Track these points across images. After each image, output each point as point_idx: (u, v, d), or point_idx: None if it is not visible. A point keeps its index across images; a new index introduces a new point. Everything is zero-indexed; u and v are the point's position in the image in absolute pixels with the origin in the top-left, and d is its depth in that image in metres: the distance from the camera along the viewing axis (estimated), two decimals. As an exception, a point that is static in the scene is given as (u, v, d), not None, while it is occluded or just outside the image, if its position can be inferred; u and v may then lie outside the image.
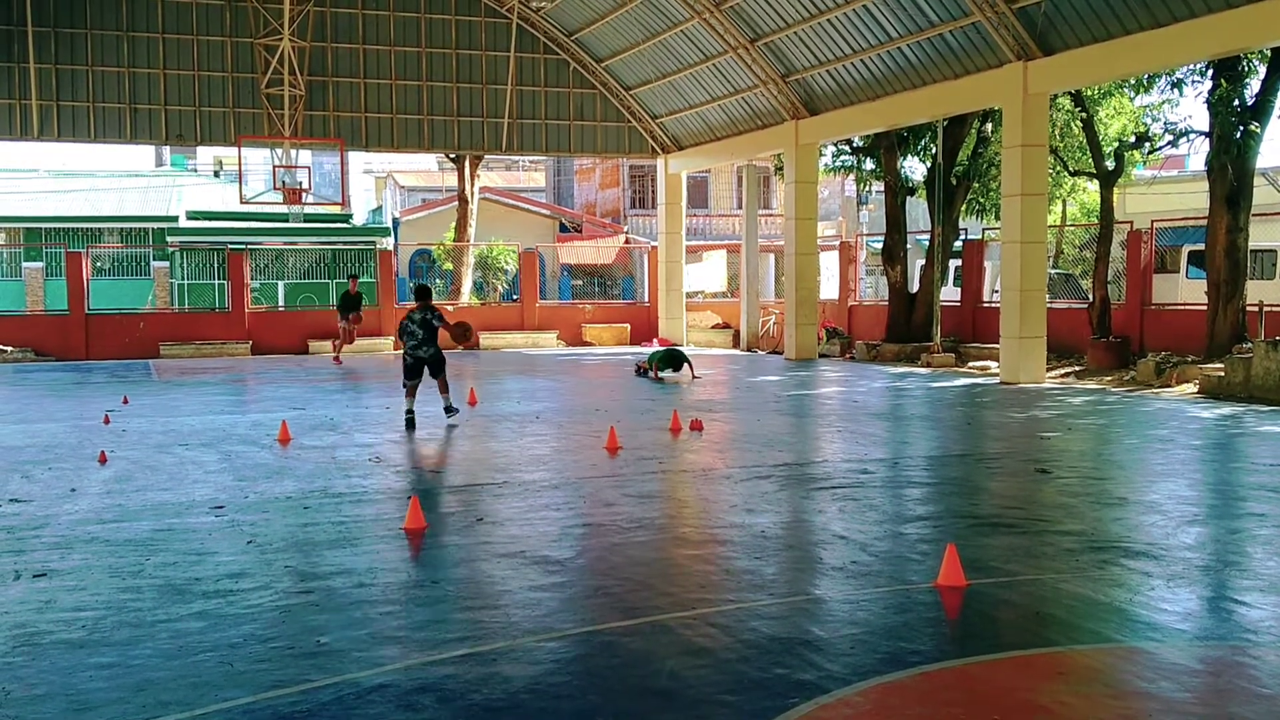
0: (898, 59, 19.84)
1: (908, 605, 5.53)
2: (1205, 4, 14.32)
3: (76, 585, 5.95)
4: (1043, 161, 17.79)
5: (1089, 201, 32.08)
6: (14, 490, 8.73)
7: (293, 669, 4.63)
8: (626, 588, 6.02)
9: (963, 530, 7.18)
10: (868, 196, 38.17)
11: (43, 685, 4.47)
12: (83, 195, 38.86)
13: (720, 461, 10.29)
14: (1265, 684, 4.47)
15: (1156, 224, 20.65)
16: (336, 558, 6.48)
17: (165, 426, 12.62)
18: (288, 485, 8.87)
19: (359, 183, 50.21)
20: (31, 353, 24.70)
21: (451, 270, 34.30)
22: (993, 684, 4.49)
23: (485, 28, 27.05)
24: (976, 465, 10.08)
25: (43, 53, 23.99)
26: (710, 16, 22.72)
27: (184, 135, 25.60)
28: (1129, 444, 11.21)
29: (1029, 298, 17.52)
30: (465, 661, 4.74)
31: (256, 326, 26.79)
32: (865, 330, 25.19)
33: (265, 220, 34.40)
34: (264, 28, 25.06)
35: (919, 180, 24.74)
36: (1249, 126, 16.67)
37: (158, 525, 7.43)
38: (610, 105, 28.26)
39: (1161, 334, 18.89)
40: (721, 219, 41.69)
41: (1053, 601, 5.58)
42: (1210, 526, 7.30)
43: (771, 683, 4.45)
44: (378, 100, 26.41)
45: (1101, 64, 16.17)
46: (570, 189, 47.65)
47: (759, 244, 28.05)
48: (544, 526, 7.39)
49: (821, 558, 6.57)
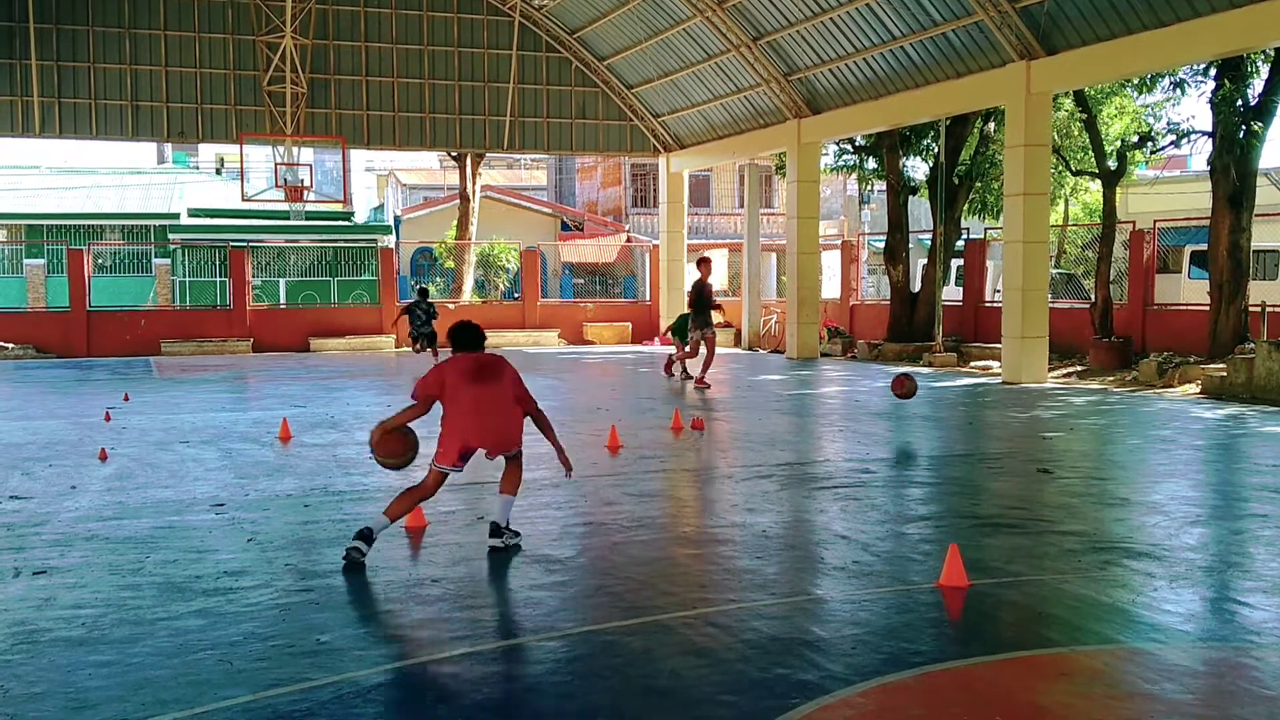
0: (900, 58, 19.81)
1: (910, 605, 5.51)
2: (1209, 4, 14.29)
3: (76, 583, 5.93)
4: (1045, 161, 17.76)
5: (1091, 201, 32.09)
6: (14, 487, 8.72)
7: (292, 667, 4.62)
8: (627, 587, 6.00)
9: (965, 530, 7.16)
10: (869, 196, 38.17)
11: (42, 683, 4.46)
12: (84, 192, 38.88)
13: (722, 461, 10.27)
14: (1268, 685, 4.45)
15: (1159, 224, 20.62)
16: (337, 556, 6.46)
17: (166, 424, 12.62)
18: (288, 483, 8.86)
19: (361, 181, 50.22)
20: (33, 349, 24.71)
21: (453, 268, 34.31)
22: (995, 685, 4.48)
23: (487, 26, 27.04)
24: (978, 465, 10.06)
25: (44, 49, 23.98)
26: (712, 15, 22.69)
27: (186, 133, 25.59)
28: (1131, 444, 11.19)
29: (1031, 297, 17.50)
30: (466, 660, 4.72)
31: (258, 324, 26.80)
32: (867, 330, 25.18)
33: (267, 218, 34.39)
34: (266, 25, 25.06)
35: (921, 179, 24.71)
36: (1252, 126, 16.65)
37: (158, 523, 7.42)
38: (612, 104, 28.25)
39: (1164, 334, 18.87)
40: (723, 218, 41.67)
41: (1055, 602, 5.56)
42: (1213, 527, 7.28)
43: (772, 683, 4.43)
44: (380, 98, 26.41)
45: (1104, 64, 16.15)
46: (572, 187, 47.63)
47: (761, 243, 28.04)
48: (545, 525, 7.37)
49: (823, 557, 6.55)
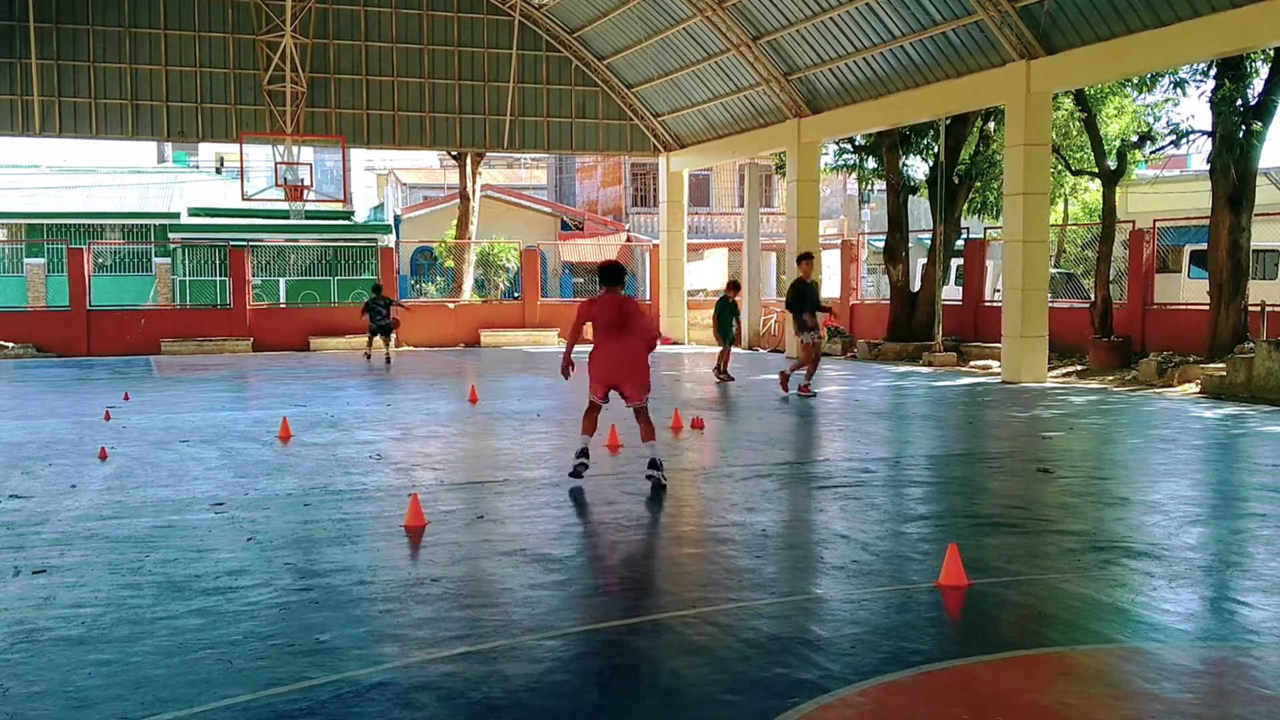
0: (900, 57, 19.81)
1: (909, 605, 5.52)
2: (1209, 3, 14.28)
3: (76, 582, 5.94)
4: (1045, 160, 17.76)
5: (1090, 201, 32.08)
6: (14, 486, 8.72)
7: (292, 667, 4.62)
8: (627, 586, 6.01)
9: (964, 530, 7.16)
10: (869, 195, 38.15)
11: (41, 682, 4.46)
12: (84, 191, 38.88)
13: (721, 460, 10.28)
14: (1267, 685, 4.45)
15: (1159, 223, 20.61)
16: (337, 555, 6.47)
17: (166, 423, 12.62)
18: (288, 482, 8.86)
19: (361, 180, 50.25)
20: (33, 349, 24.71)
21: (453, 268, 34.31)
22: (994, 684, 4.48)
23: (487, 25, 27.03)
24: (978, 464, 10.06)
25: (45, 49, 23.98)
26: (712, 14, 22.69)
27: (186, 132, 25.58)
28: (1131, 444, 11.20)
29: (1031, 297, 17.50)
30: (465, 660, 4.72)
31: (258, 323, 26.80)
32: (867, 329, 25.17)
33: (267, 217, 34.43)
34: (266, 24, 25.06)
35: (921, 179, 24.70)
36: (1251, 126, 16.64)
37: (158, 522, 7.42)
38: (612, 103, 28.24)
39: (1163, 334, 18.86)
40: (723, 217, 41.67)
41: (1054, 601, 5.56)
42: (1212, 527, 7.28)
43: (772, 682, 4.43)
44: (380, 97, 26.40)
45: (1104, 63, 16.14)
46: (572, 187, 47.63)
47: (760, 242, 28.03)
48: (544, 524, 7.38)
49: (822, 557, 6.55)
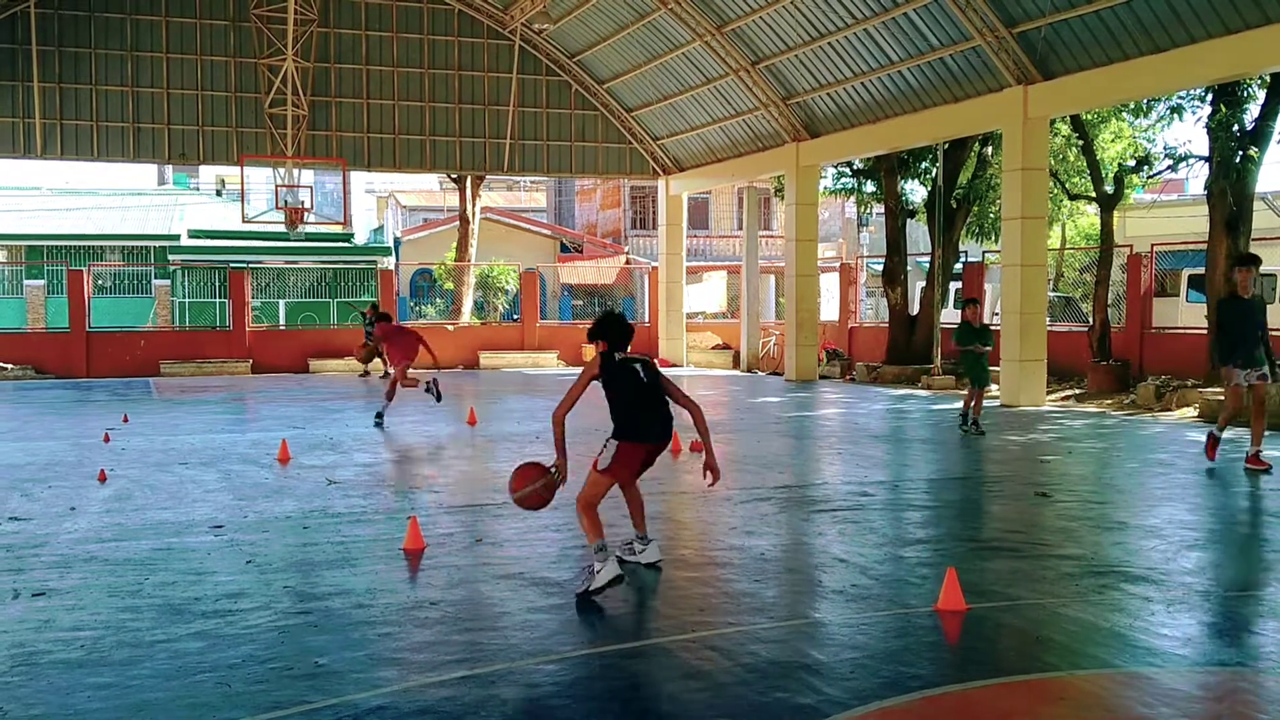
0: (898, 82, 19.93)
1: (908, 629, 5.52)
2: (1205, 30, 14.40)
3: (75, 604, 5.94)
4: (1043, 185, 17.86)
5: (1088, 225, 32.18)
6: (14, 508, 8.72)
7: (291, 690, 4.62)
8: (626, 609, 6.01)
9: (963, 554, 7.17)
10: (868, 218, 38.24)
11: (40, 705, 4.46)
12: (85, 213, 38.98)
13: (720, 483, 10.26)
14: (1265, 710, 4.46)
15: (1156, 248, 20.68)
16: (335, 578, 6.47)
17: (165, 445, 12.62)
18: (287, 505, 8.87)
19: (361, 202, 50.27)
20: (32, 370, 24.72)
21: (452, 290, 34.38)
22: (993, 708, 4.48)
23: (488, 49, 27.20)
24: (976, 488, 10.07)
25: (47, 71, 24.11)
26: (711, 39, 22.84)
27: (187, 154, 25.69)
28: (1129, 468, 11.20)
29: (1029, 320, 17.55)
30: (464, 683, 4.72)
31: (257, 345, 26.83)
32: (865, 352, 25.20)
33: (267, 239, 34.52)
34: (268, 48, 25.20)
35: (919, 203, 24.80)
36: (1248, 151, 16.73)
37: (157, 544, 7.42)
38: (612, 126, 28.38)
39: (1162, 358, 18.90)
40: (722, 240, 41.80)
41: (1053, 626, 5.57)
42: (1211, 551, 7.29)
43: (771, 706, 4.43)
44: (380, 120, 26.53)
45: (1102, 89, 16.25)
46: (571, 209, 47.79)
47: (759, 265, 28.11)
48: (543, 548, 7.38)
49: (821, 581, 6.55)
